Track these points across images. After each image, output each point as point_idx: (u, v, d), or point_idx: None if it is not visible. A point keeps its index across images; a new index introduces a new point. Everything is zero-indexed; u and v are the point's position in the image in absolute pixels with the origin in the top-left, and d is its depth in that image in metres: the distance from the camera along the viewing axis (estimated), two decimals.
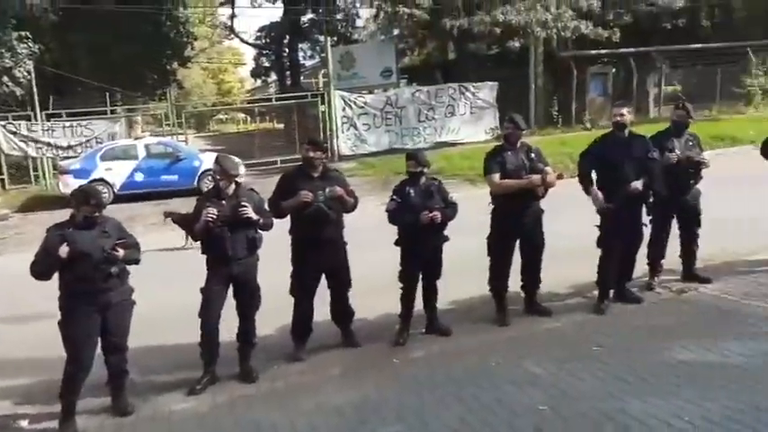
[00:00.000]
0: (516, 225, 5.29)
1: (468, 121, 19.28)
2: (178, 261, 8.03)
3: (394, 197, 4.98)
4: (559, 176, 5.34)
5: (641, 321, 5.17)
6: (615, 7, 20.47)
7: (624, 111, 5.39)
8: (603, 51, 21.49)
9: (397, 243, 5.06)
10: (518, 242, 5.38)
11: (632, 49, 22.03)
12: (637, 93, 22.60)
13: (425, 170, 5.05)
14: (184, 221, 8.02)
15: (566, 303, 5.77)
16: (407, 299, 5.07)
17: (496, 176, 5.22)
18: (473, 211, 5.49)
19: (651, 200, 5.64)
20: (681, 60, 24.29)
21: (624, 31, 20.86)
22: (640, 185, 5.15)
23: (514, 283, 5.48)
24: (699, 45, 23.91)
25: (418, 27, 20.81)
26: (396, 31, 24.39)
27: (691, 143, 5.81)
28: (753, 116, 20.44)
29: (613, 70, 23.22)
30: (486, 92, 19.59)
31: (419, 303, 5.20)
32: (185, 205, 9.30)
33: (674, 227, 5.97)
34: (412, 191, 4.94)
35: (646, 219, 5.60)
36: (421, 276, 5.08)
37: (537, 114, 21.20)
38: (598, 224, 5.44)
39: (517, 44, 18.14)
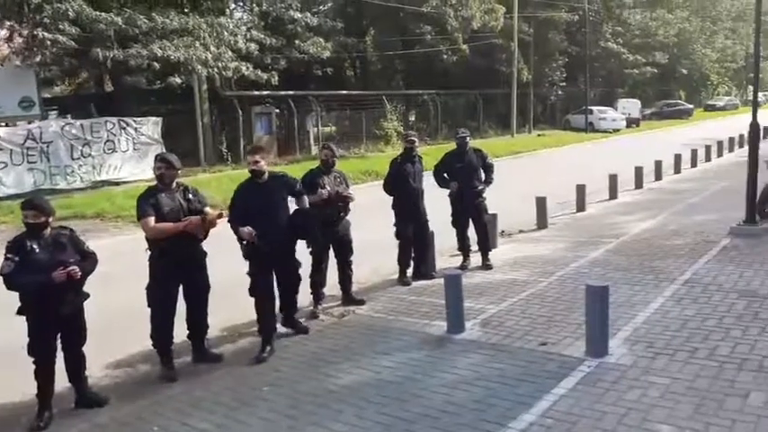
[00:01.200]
0: (177, 270, 4.96)
1: (131, 157, 17.98)
2: None
3: (9, 256, 4.08)
4: (219, 216, 5.21)
5: (308, 350, 5.36)
6: (273, 52, 21.72)
7: (258, 157, 5.33)
8: (266, 93, 22.60)
9: (20, 311, 4.19)
10: (181, 288, 5.06)
11: (291, 92, 23.76)
12: (298, 132, 24.37)
13: (50, 219, 4.30)
14: None
15: (237, 345, 5.65)
16: (45, 373, 4.23)
17: (151, 220, 4.82)
18: (138, 256, 4.97)
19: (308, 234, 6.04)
20: (333, 104, 27.26)
21: (283, 75, 22.34)
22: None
23: (181, 332, 5.13)
24: (345, 92, 27.23)
25: (65, 55, 18.58)
26: (38, 58, 21.32)
27: (338, 179, 6.36)
28: (391, 154, 24.02)
29: (277, 110, 24.61)
30: (150, 127, 18.63)
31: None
32: None
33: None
34: (35, 246, 4.14)
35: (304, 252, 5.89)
36: (60, 345, 4.30)
37: (206, 151, 21.04)
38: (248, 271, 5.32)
39: (179, 80, 17.66)
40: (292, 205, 5.52)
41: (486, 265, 7.68)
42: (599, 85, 41.66)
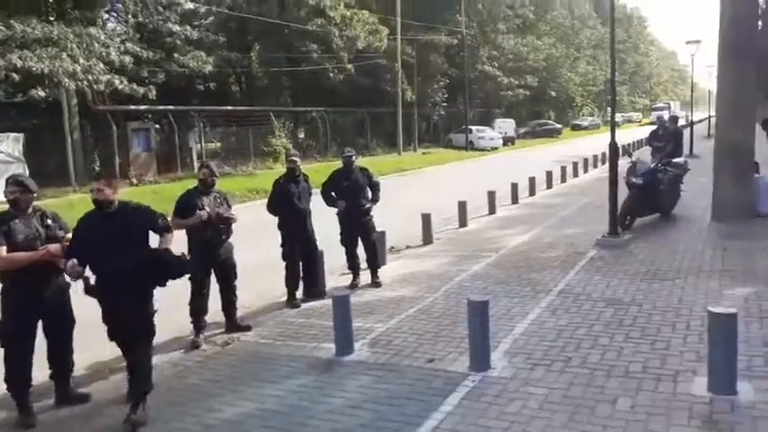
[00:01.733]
0: (36, 304, 4.48)
1: None
2: None
3: None
4: None
5: (187, 383, 5.04)
6: (150, 65, 20.68)
7: (102, 185, 4.34)
8: (143, 107, 21.44)
9: None
10: (41, 323, 4.58)
11: (171, 107, 22.73)
12: (180, 149, 23.35)
13: None
14: None
15: (109, 382, 5.19)
16: None
17: (2, 249, 4.32)
18: None
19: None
20: (218, 120, 26.44)
21: (162, 89, 21.32)
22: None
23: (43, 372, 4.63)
24: (231, 107, 26.53)
25: None
26: None
27: (219, 200, 6.09)
28: (280, 171, 23.57)
29: (156, 126, 23.42)
30: (10, 144, 17.10)
31: None
32: None
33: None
34: None
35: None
36: None
37: (77, 169, 19.55)
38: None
39: (42, 93, 16.26)
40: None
41: (375, 283, 7.70)
42: (478, 106, 44.00)
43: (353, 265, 7.84)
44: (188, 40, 21.96)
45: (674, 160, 10.95)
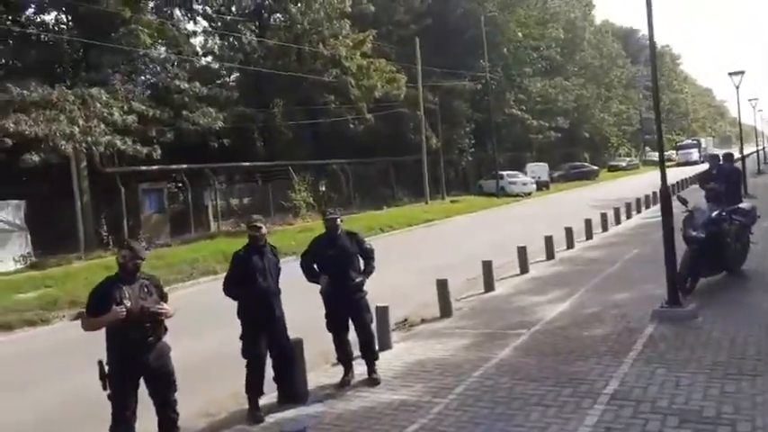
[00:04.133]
0: None
1: None
2: None
3: None
4: None
5: None
6: (158, 124, 19.90)
7: None
8: (154, 168, 20.62)
9: None
10: None
11: (184, 166, 21.90)
12: (194, 208, 22.40)
13: None
14: None
15: None
16: None
17: None
18: None
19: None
20: (236, 176, 25.54)
21: (173, 148, 20.53)
22: None
23: None
24: (247, 163, 25.63)
25: None
26: None
27: (146, 289, 4.61)
28: (300, 226, 22.39)
29: (170, 185, 22.60)
30: (10, 212, 16.32)
31: None
32: None
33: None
34: None
35: None
36: None
37: (87, 235, 18.61)
38: None
39: (35, 158, 15.45)
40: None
41: (372, 379, 6.06)
42: (507, 150, 42.38)
43: (344, 356, 6.22)
44: (198, 97, 21.15)
45: (741, 206, 9.09)
